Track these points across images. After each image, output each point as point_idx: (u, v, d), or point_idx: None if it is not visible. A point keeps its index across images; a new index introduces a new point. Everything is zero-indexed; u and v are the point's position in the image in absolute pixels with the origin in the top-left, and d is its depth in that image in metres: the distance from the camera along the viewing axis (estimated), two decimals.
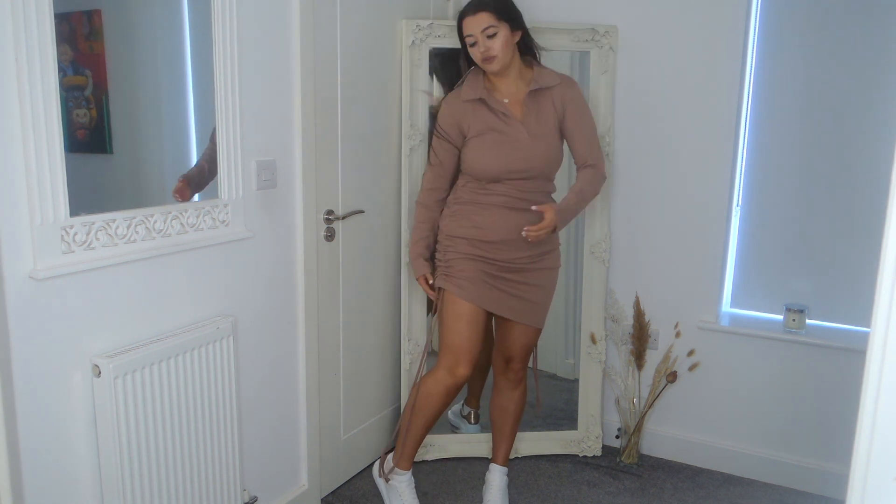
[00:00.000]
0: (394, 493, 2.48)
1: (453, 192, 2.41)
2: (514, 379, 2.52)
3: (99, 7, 1.70)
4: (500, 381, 2.54)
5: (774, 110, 2.72)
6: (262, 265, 2.20)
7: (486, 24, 2.19)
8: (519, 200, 2.30)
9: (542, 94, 2.31)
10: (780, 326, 2.76)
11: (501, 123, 2.28)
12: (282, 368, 2.35)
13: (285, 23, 2.18)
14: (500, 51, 2.21)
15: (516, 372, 2.51)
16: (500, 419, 2.58)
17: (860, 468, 0.81)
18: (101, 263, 1.67)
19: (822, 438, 2.71)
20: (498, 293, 2.35)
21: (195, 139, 1.99)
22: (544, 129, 2.30)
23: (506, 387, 2.54)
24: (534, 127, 2.29)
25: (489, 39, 2.20)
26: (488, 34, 2.20)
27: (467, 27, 2.23)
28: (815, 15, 2.61)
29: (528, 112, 2.29)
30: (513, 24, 2.24)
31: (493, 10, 2.19)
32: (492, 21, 2.19)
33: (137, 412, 1.74)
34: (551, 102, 2.30)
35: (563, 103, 2.31)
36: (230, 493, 2.06)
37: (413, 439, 2.43)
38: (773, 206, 2.78)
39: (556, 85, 2.31)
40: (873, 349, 0.78)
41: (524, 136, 2.27)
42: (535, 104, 2.30)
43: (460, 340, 2.32)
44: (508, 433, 2.58)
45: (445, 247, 2.38)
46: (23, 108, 1.47)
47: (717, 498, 2.70)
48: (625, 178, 2.89)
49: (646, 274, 2.92)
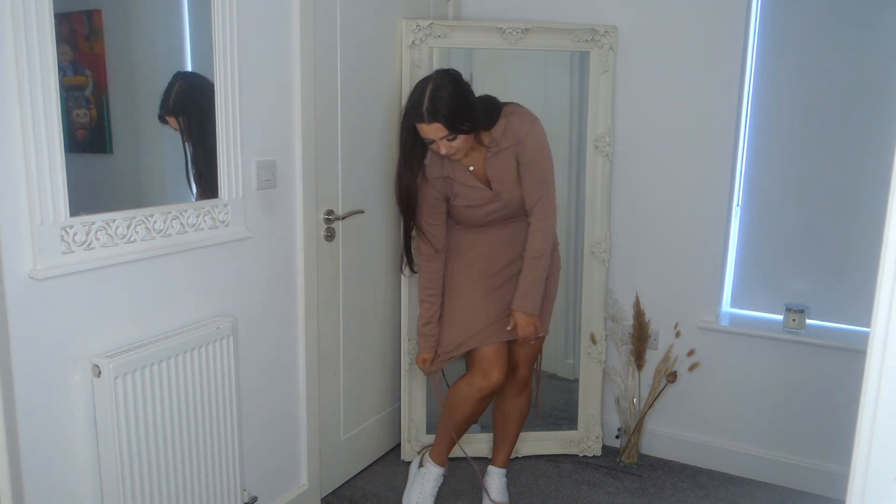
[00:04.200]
0: (419, 479, 2.54)
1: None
2: (520, 385, 2.53)
3: (99, 7, 1.70)
4: (506, 386, 2.53)
5: (774, 110, 2.72)
6: (262, 265, 2.20)
7: (442, 133, 2.13)
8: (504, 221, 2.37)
9: (501, 153, 2.28)
10: (780, 326, 2.76)
11: (472, 191, 2.31)
12: (282, 368, 2.35)
13: (285, 23, 2.18)
14: (461, 148, 2.20)
15: (522, 379, 2.52)
16: (503, 424, 2.59)
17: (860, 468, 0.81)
18: (101, 263, 1.67)
19: (822, 438, 2.71)
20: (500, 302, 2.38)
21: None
22: (508, 181, 2.30)
23: (511, 393, 2.54)
24: (498, 184, 2.30)
25: (449, 141, 2.16)
26: (448, 138, 2.15)
27: (423, 132, 2.16)
28: (814, 15, 2.61)
29: (493, 172, 2.29)
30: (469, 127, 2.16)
31: (446, 120, 2.11)
32: (445, 131, 2.13)
33: (137, 412, 1.74)
34: (510, 155, 2.28)
35: (517, 158, 2.28)
36: (230, 493, 2.06)
37: (445, 437, 2.49)
38: (773, 206, 2.78)
39: (514, 143, 2.26)
40: (873, 349, 0.78)
41: (492, 195, 2.31)
42: (496, 161, 2.29)
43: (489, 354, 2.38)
44: (511, 438, 2.59)
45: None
46: (23, 108, 1.47)
47: (717, 498, 2.70)
48: (625, 178, 2.88)
49: (646, 274, 2.92)
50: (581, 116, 2.87)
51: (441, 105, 2.11)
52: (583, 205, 2.87)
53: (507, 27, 2.70)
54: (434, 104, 2.11)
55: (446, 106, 2.11)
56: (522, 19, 2.80)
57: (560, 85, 3.00)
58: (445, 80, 2.15)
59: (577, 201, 2.95)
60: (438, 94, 2.11)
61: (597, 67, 2.78)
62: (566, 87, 2.98)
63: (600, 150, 2.82)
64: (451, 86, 2.15)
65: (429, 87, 2.13)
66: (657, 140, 2.83)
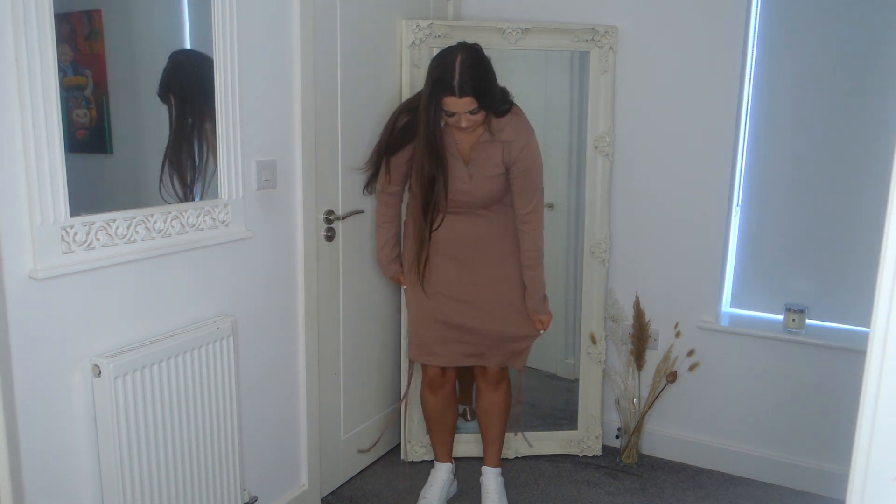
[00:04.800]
0: (430, 477, 2.61)
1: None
2: (493, 381, 2.53)
3: (99, 7, 1.70)
4: (479, 383, 2.57)
5: (774, 110, 2.72)
6: (262, 265, 2.20)
7: (471, 106, 2.14)
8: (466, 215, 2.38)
9: (495, 144, 2.29)
10: (780, 326, 2.76)
11: (451, 159, 2.29)
12: (282, 368, 2.35)
13: (285, 23, 2.18)
14: (478, 123, 2.22)
15: (493, 375, 2.52)
16: (484, 421, 2.60)
17: (860, 468, 0.81)
18: (102, 263, 1.67)
19: (822, 438, 2.71)
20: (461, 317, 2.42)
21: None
22: (485, 171, 2.30)
23: (485, 389, 2.56)
24: (476, 168, 2.30)
25: (471, 115, 2.17)
26: (472, 112, 2.16)
27: (450, 106, 2.15)
28: (815, 15, 2.61)
29: (476, 156, 2.30)
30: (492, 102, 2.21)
31: (477, 93, 2.13)
32: (476, 104, 2.14)
33: (137, 412, 1.74)
34: (500, 152, 2.29)
35: (511, 159, 2.29)
36: (230, 493, 2.06)
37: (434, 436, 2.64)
38: (773, 206, 2.78)
39: (510, 140, 2.28)
40: (873, 349, 0.78)
41: (466, 173, 2.30)
42: (485, 149, 2.30)
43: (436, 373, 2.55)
44: (495, 434, 2.59)
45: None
46: (23, 108, 1.47)
47: (717, 498, 2.70)
48: (625, 178, 2.88)
49: (646, 274, 2.92)
50: (581, 116, 2.87)
51: (473, 79, 2.11)
52: (583, 205, 2.87)
53: (507, 27, 2.70)
54: (465, 78, 2.10)
55: (479, 80, 2.12)
56: (522, 19, 2.80)
57: (560, 85, 3.00)
58: (473, 54, 2.15)
59: (577, 201, 2.95)
60: (470, 66, 2.11)
61: (597, 67, 2.78)
62: (566, 87, 2.98)
63: (600, 150, 2.82)
64: (480, 60, 2.16)
65: (458, 61, 2.11)
66: (657, 140, 2.83)
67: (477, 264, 2.40)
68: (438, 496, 2.53)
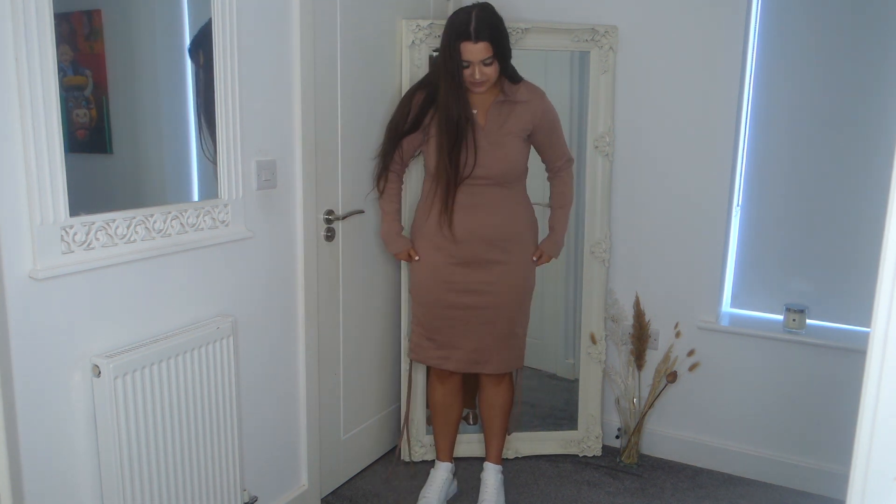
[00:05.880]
0: (430, 477, 2.62)
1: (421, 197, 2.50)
2: (495, 375, 2.55)
3: (99, 7, 1.70)
4: (482, 378, 2.58)
5: (774, 110, 2.72)
6: (262, 265, 2.20)
7: (487, 54, 2.22)
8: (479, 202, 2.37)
9: (509, 105, 2.36)
10: (780, 326, 2.76)
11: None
12: (282, 368, 2.35)
13: (285, 23, 2.18)
14: (491, 78, 2.27)
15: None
16: (487, 416, 2.61)
17: (860, 468, 0.81)
18: (101, 263, 1.67)
19: (822, 438, 2.71)
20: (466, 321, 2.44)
21: (195, 139, 1.99)
22: (506, 137, 2.35)
23: (488, 383, 2.57)
24: (494, 135, 2.34)
25: (485, 66, 2.24)
26: (486, 62, 2.23)
27: (467, 53, 2.22)
28: (814, 15, 2.61)
29: (492, 121, 2.35)
30: (506, 54, 2.29)
31: (492, 41, 2.22)
32: (491, 52, 2.22)
33: (137, 412, 1.74)
34: (519, 114, 2.35)
35: (533, 117, 2.37)
36: (230, 493, 2.06)
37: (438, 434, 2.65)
38: (773, 206, 2.78)
39: (525, 101, 2.36)
40: (873, 349, 0.78)
41: (484, 142, 2.33)
42: (500, 114, 2.35)
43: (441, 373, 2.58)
44: (498, 430, 2.60)
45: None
46: (23, 108, 1.47)
47: (717, 498, 2.70)
48: (625, 178, 2.88)
49: (646, 274, 2.92)
50: (581, 116, 2.87)
51: (490, 28, 2.21)
52: (583, 205, 2.87)
53: (507, 27, 2.70)
54: (482, 25, 2.20)
55: (494, 29, 2.22)
56: (522, 19, 2.80)
57: (560, 85, 3.00)
58: (489, 8, 2.27)
59: (577, 201, 2.94)
60: (485, 16, 2.22)
61: (597, 67, 2.78)
62: (566, 87, 2.98)
63: (600, 150, 2.82)
64: (495, 13, 2.27)
65: (474, 11, 2.23)
66: (657, 140, 2.83)
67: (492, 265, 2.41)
68: (438, 496, 2.53)
